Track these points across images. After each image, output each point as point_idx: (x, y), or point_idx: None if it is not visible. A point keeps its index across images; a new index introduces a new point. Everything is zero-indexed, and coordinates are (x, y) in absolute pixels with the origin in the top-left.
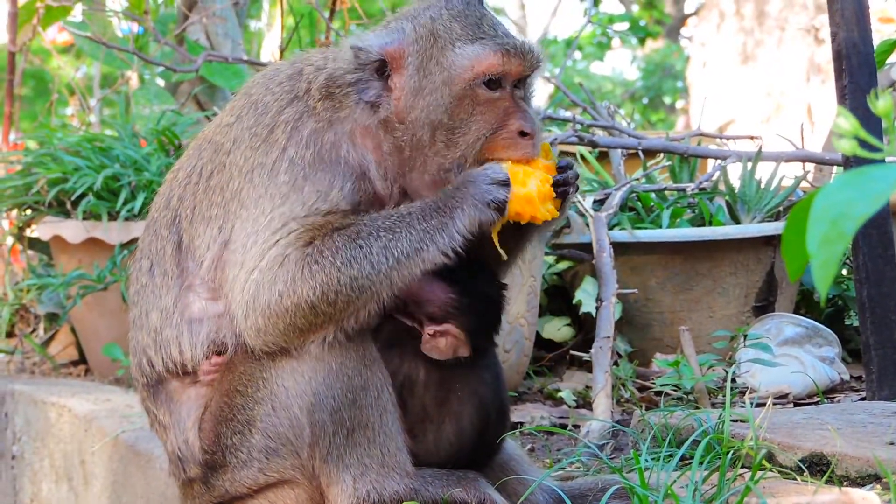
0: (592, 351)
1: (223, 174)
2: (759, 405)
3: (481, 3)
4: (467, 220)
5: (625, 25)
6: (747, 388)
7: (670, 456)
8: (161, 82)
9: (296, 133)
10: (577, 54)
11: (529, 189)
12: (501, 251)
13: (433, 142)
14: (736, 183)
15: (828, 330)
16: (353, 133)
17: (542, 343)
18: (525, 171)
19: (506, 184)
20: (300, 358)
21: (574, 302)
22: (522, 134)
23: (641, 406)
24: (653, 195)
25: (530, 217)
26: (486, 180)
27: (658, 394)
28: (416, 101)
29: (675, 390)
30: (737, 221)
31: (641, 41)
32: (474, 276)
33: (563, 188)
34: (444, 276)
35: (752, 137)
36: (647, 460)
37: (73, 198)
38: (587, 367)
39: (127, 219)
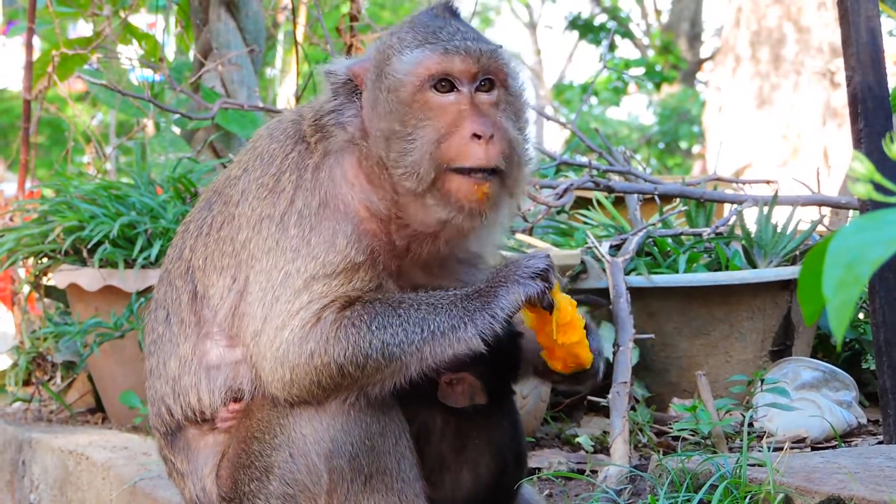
0: (610, 396)
1: (232, 226)
2: (776, 449)
3: (454, 14)
4: (512, 297)
5: (641, 70)
6: (764, 432)
7: (688, 501)
8: (177, 130)
9: (301, 179)
10: (594, 100)
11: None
12: (555, 329)
13: (388, 152)
14: (752, 227)
15: (845, 374)
16: (346, 166)
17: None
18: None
19: (546, 257)
20: (319, 405)
21: None
22: (476, 137)
23: (659, 451)
24: (669, 240)
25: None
26: (526, 259)
27: (675, 438)
28: (373, 114)
29: (692, 435)
30: (753, 266)
31: (657, 86)
32: None
33: None
34: None
35: (768, 182)
36: None
37: (89, 246)
38: (604, 412)
39: (143, 266)
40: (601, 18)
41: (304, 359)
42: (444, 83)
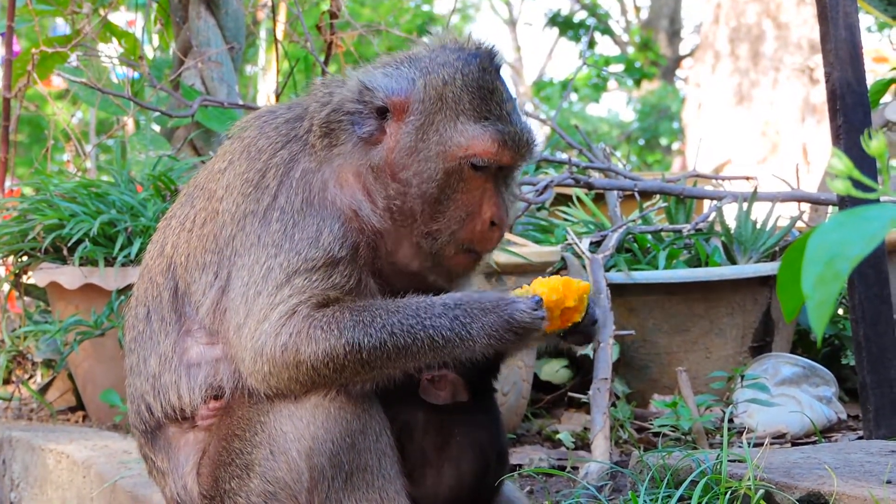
0: (590, 392)
1: (216, 221)
2: (756, 445)
3: (498, 73)
4: (492, 342)
5: (620, 67)
6: (745, 428)
7: (669, 497)
8: (157, 128)
9: (286, 177)
10: (573, 96)
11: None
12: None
13: (422, 211)
14: (732, 223)
15: (825, 369)
16: (341, 173)
17: (540, 385)
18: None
19: (534, 302)
20: (299, 402)
21: None
22: (492, 224)
23: (640, 447)
24: (649, 236)
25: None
26: (513, 305)
27: (656, 435)
28: (409, 160)
29: (672, 431)
30: (733, 262)
31: (637, 83)
32: None
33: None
34: None
35: (747, 178)
36: (645, 501)
37: (69, 244)
38: (585, 408)
39: (124, 264)
40: (581, 15)
41: (278, 352)
42: (483, 166)
